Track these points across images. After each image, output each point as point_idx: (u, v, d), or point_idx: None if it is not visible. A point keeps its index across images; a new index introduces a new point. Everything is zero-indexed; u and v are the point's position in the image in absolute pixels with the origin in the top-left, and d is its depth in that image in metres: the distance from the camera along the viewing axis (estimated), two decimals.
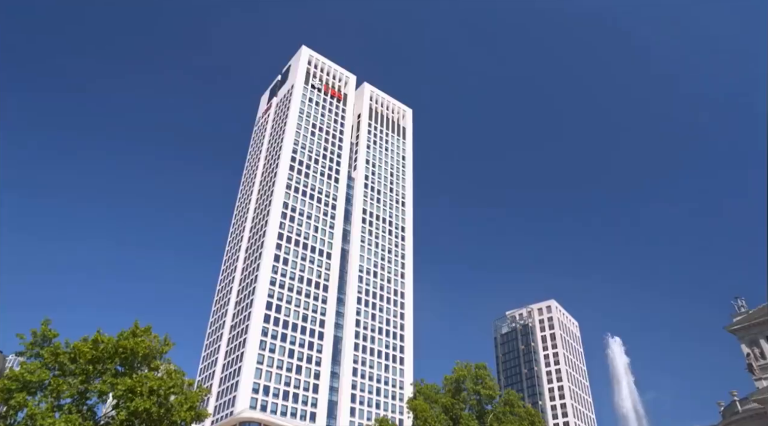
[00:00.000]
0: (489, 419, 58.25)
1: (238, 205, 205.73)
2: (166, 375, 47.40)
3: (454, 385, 60.54)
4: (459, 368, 61.53)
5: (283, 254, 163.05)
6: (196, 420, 47.32)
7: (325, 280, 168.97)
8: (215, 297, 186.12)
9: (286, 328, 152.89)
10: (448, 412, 57.74)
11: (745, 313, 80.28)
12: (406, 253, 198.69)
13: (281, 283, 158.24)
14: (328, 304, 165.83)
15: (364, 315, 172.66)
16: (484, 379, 60.97)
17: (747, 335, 78.78)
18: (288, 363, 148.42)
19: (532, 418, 59.35)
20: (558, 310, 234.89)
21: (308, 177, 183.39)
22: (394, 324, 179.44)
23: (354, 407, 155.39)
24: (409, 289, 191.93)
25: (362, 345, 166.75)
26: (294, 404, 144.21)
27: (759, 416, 67.92)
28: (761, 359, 75.58)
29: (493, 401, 61.62)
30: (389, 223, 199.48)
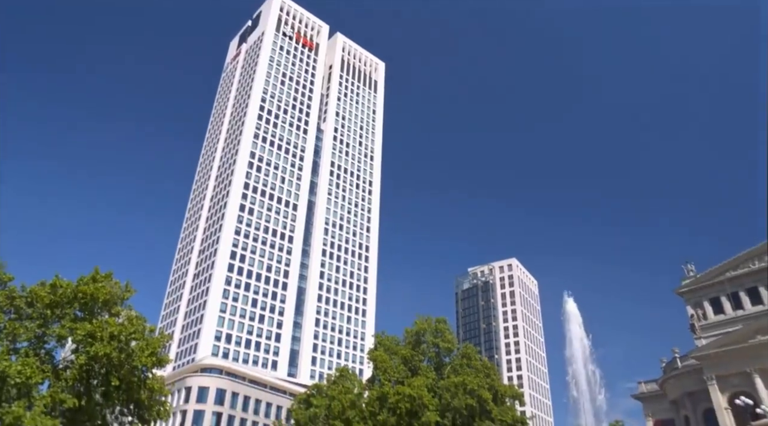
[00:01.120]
0: (446, 371, 60.09)
1: (203, 153, 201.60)
2: (127, 321, 47.23)
3: (415, 337, 61.99)
4: (420, 322, 62.92)
5: (248, 204, 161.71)
6: (157, 365, 47.58)
7: (290, 232, 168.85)
8: (178, 245, 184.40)
9: (250, 277, 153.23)
10: (407, 363, 59.31)
11: (693, 278, 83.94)
12: (372, 208, 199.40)
13: (246, 233, 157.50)
14: (293, 256, 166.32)
15: (329, 267, 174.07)
16: (444, 333, 62.54)
17: (693, 298, 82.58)
18: (251, 312, 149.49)
19: (487, 371, 61.41)
20: (519, 269, 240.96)
21: (277, 127, 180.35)
22: (357, 277, 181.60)
23: (316, 357, 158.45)
24: (374, 243, 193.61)
25: (326, 296, 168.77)
26: (256, 352, 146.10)
27: (696, 372, 72.02)
28: (703, 320, 79.61)
29: (451, 354, 63.42)
30: (357, 177, 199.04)
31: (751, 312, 75.20)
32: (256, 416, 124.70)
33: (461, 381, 55.15)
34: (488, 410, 56.43)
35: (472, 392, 54.77)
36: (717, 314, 79.45)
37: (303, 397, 66.37)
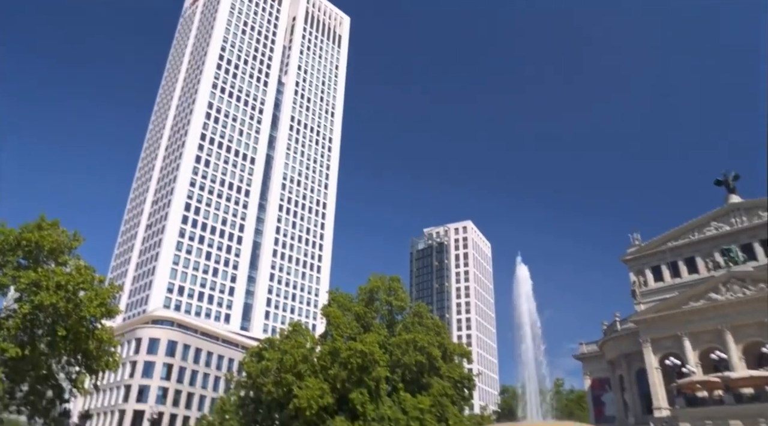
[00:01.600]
0: (398, 328, 61.40)
1: (159, 100, 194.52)
2: (74, 271, 46.10)
3: (368, 295, 62.84)
4: (374, 279, 63.71)
5: (205, 156, 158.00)
6: (106, 316, 46.91)
7: (247, 185, 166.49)
8: (131, 195, 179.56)
9: (204, 230, 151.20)
10: (360, 319, 60.29)
11: (637, 247, 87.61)
12: (331, 164, 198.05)
13: (201, 186, 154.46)
14: (249, 210, 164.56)
15: (285, 222, 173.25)
16: (397, 291, 63.58)
17: (636, 265, 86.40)
18: (205, 265, 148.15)
19: (438, 329, 63.07)
20: (473, 231, 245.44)
21: (236, 78, 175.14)
22: (314, 233, 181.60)
23: (269, 311, 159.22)
24: (331, 200, 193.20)
25: (281, 252, 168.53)
26: (209, 305, 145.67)
27: (633, 334, 76.09)
28: (643, 287, 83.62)
29: (403, 312, 64.70)
30: (317, 133, 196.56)
31: (687, 280, 79.29)
32: (207, 368, 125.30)
33: (412, 338, 56.55)
34: (437, 367, 58.31)
35: (422, 349, 56.33)
36: (656, 281, 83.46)
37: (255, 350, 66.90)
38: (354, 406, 50.04)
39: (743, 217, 79.36)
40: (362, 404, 49.85)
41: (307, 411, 49.84)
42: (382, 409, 51.41)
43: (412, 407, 52.60)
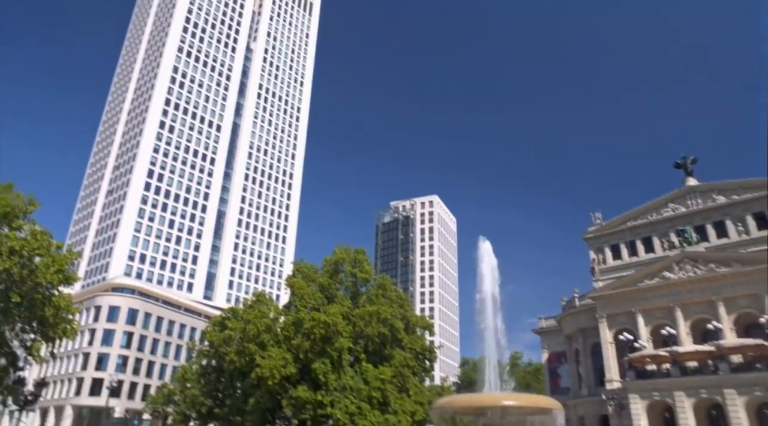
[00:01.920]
0: (362, 300, 61.86)
1: (121, 62, 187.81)
2: (30, 236, 44.79)
3: (333, 266, 62.91)
4: (339, 251, 63.73)
5: (169, 122, 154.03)
6: (64, 283, 45.91)
7: (212, 153, 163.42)
8: (91, 159, 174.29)
9: (167, 198, 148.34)
10: (324, 291, 60.44)
11: (598, 225, 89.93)
12: (299, 135, 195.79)
13: (165, 152, 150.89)
14: (214, 178, 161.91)
15: (251, 192, 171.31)
16: (362, 264, 63.80)
17: (596, 244, 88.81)
18: (168, 233, 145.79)
19: (401, 302, 63.78)
20: (439, 206, 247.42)
21: (203, 42, 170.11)
22: (280, 203, 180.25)
23: (233, 280, 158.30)
24: (298, 170, 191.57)
25: (246, 221, 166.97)
26: (171, 274, 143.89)
27: (590, 310, 78.64)
28: (602, 264, 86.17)
29: (367, 284, 65.08)
30: (285, 102, 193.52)
31: (643, 259, 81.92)
32: (169, 337, 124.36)
33: (375, 310, 57.11)
34: (399, 339, 59.16)
35: (385, 321, 56.99)
36: (615, 260, 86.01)
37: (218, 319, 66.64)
38: (316, 376, 50.50)
39: (698, 199, 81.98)
40: (324, 374, 50.34)
41: (270, 380, 50.12)
42: (344, 379, 52.06)
43: (374, 378, 53.41)
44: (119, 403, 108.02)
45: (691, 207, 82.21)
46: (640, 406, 64.65)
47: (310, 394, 49.97)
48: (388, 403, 53.36)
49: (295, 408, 51.13)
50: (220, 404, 60.25)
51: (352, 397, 51.74)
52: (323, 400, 49.93)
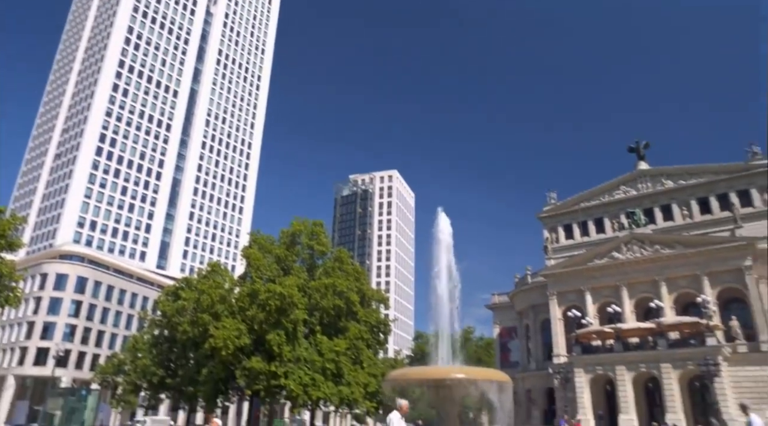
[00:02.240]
0: (318, 273, 61.87)
1: (71, 19, 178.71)
2: None
3: (290, 238, 62.54)
4: (296, 223, 63.32)
5: (123, 85, 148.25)
6: (6, 249, 44.20)
7: (168, 119, 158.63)
8: (37, 120, 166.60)
9: (120, 163, 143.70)
10: (280, 262, 60.13)
11: (553, 205, 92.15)
12: (259, 104, 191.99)
13: (118, 116, 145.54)
14: (170, 145, 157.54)
15: (208, 160, 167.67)
16: (319, 236, 63.63)
17: (550, 223, 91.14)
18: (120, 200, 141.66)
19: (357, 275, 64.07)
20: (398, 181, 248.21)
21: (160, 3, 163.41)
22: (237, 173, 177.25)
23: (187, 250, 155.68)
24: (257, 140, 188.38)
25: (202, 190, 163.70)
26: (123, 242, 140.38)
27: (541, 287, 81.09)
28: (555, 243, 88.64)
29: (324, 257, 65.06)
30: (245, 70, 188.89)
31: (594, 239, 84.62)
32: (120, 306, 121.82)
33: (331, 283, 57.27)
34: (354, 311, 59.64)
35: (341, 294, 57.28)
36: (567, 239, 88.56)
37: (171, 289, 65.67)
38: (271, 348, 50.52)
39: (648, 183, 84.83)
40: (279, 345, 50.41)
41: (223, 351, 49.92)
42: (299, 350, 52.29)
43: (328, 349, 53.84)
44: (66, 373, 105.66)
45: (641, 190, 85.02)
46: (584, 380, 67.46)
47: (263, 365, 50.04)
48: (341, 374, 53.99)
49: (249, 379, 51.18)
50: (172, 374, 59.78)
51: (306, 368, 52.10)
52: (277, 371, 50.12)
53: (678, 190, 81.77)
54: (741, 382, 61.63)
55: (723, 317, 67.35)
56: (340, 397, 53.60)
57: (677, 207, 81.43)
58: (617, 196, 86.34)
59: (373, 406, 59.80)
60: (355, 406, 61.03)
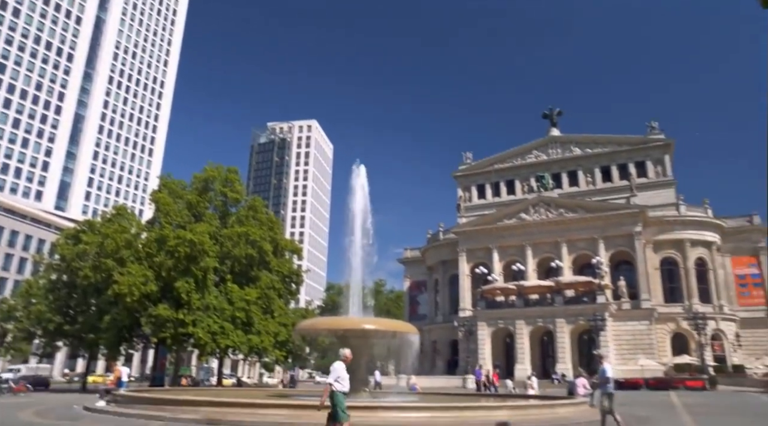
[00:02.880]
0: (231, 221, 60.45)
1: None
2: None
3: (203, 184, 60.41)
4: (210, 169, 61.14)
5: (13, 3, 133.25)
6: None
7: (70, 48, 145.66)
8: None
9: (12, 93, 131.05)
10: (191, 208, 58.11)
11: (468, 165, 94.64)
12: (173, 40, 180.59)
13: (8, 40, 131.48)
14: (72, 77, 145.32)
15: (115, 97, 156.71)
16: (233, 183, 61.88)
17: (464, 182, 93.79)
18: (12, 134, 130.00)
19: (271, 225, 63.19)
20: (317, 131, 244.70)
21: None
22: (148, 113, 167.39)
23: (90, 191, 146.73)
24: (170, 79, 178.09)
25: (108, 129, 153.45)
26: (16, 179, 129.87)
27: (452, 244, 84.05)
28: (468, 202, 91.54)
29: (238, 204, 63.51)
30: (159, 2, 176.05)
31: (504, 200, 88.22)
32: (11, 248, 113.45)
33: (245, 231, 56.21)
34: (267, 261, 59.07)
35: (253, 243, 56.42)
36: (480, 198, 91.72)
37: (72, 232, 61.86)
38: (179, 295, 49.26)
39: (559, 149, 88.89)
40: (188, 293, 49.24)
41: (128, 297, 48.11)
42: (208, 298, 51.37)
43: (239, 298, 53.29)
44: None
45: (551, 156, 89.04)
46: (486, 332, 71.49)
47: (171, 312, 48.82)
48: (251, 323, 53.78)
49: (155, 326, 49.87)
50: (71, 321, 56.96)
51: (215, 316, 51.40)
52: (185, 319, 49.10)
53: (584, 158, 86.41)
54: (621, 335, 67.82)
55: (613, 278, 73.30)
56: (249, 345, 53.53)
57: (582, 173, 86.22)
58: (529, 159, 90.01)
59: (283, 355, 60.34)
60: (265, 354, 61.27)
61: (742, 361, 67.01)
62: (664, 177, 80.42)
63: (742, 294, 75.23)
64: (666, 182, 79.99)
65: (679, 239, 73.43)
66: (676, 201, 76.56)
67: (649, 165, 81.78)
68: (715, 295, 72.60)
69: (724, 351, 69.11)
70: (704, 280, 73.27)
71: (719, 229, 75.89)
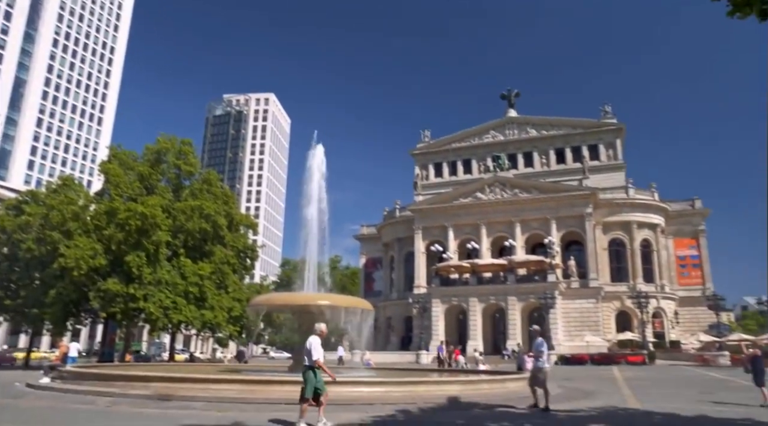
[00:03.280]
0: (185, 194, 59.02)
1: None
2: None
3: (155, 156, 58.55)
4: (163, 140, 59.23)
5: None
6: None
7: (8, 5, 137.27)
8: None
9: None
10: (143, 180, 56.36)
11: (426, 143, 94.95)
12: (124, 4, 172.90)
13: None
14: (11, 37, 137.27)
15: (61, 61, 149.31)
16: (187, 156, 60.20)
17: (422, 160, 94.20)
18: None
19: (226, 199, 62.03)
20: (275, 105, 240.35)
21: None
22: (97, 80, 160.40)
23: (34, 160, 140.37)
24: (121, 45, 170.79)
25: (53, 95, 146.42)
26: None
27: (408, 222, 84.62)
28: (425, 180, 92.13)
29: (192, 178, 61.96)
30: None
31: (461, 179, 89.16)
32: None
33: (198, 205, 54.99)
34: (222, 236, 58.06)
35: (208, 217, 55.29)
36: (437, 177, 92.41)
37: (13, 202, 59.24)
38: (129, 269, 47.94)
39: (515, 130, 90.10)
40: (139, 267, 47.96)
41: (75, 271, 46.53)
42: (160, 273, 50.22)
43: (192, 273, 52.31)
44: None
45: (508, 136, 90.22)
46: (440, 309, 72.69)
47: (121, 286, 47.54)
48: (205, 298, 53.01)
49: (104, 301, 48.52)
50: (13, 295, 54.83)
51: (167, 291, 50.37)
52: (136, 293, 47.94)
53: (540, 140, 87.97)
54: (570, 313, 70.19)
55: (564, 257, 75.55)
56: (202, 321, 52.79)
57: (537, 155, 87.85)
58: (486, 140, 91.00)
59: (237, 330, 59.82)
60: (218, 330, 60.57)
61: (679, 337, 70.60)
62: (615, 160, 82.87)
63: (682, 274, 78.91)
64: (617, 165, 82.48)
65: (627, 221, 76.08)
66: (625, 184, 79.12)
67: (601, 148, 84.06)
68: (657, 275, 75.86)
69: (663, 328, 72.64)
70: (648, 261, 76.40)
71: (664, 212, 78.98)
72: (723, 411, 16.18)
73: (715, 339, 62.85)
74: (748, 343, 43.73)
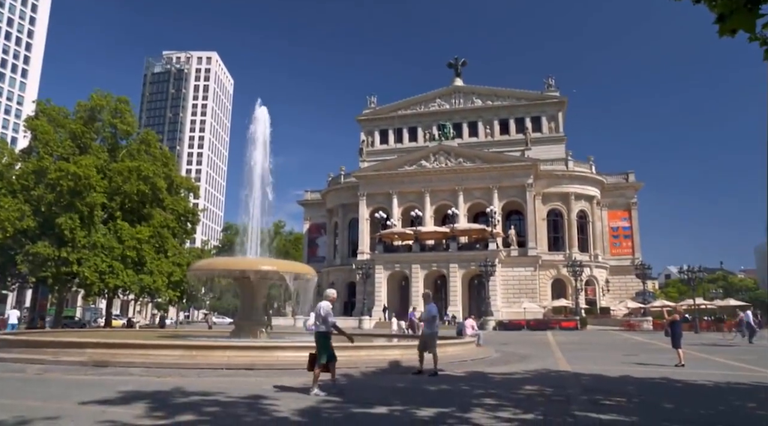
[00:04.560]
0: (121, 154, 56.66)
1: None
2: None
3: (89, 113, 55.59)
4: (97, 97, 56.22)
5: None
6: None
7: None
8: None
9: None
10: (76, 139, 53.54)
11: (372, 109, 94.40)
12: None
13: None
14: None
15: None
16: (124, 114, 57.50)
17: (368, 126, 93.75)
18: None
19: (166, 160, 59.99)
20: (218, 64, 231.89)
21: None
22: (19, 27, 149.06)
23: None
24: None
25: None
26: None
27: (353, 188, 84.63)
28: (370, 147, 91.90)
29: (129, 138, 59.48)
30: None
31: (407, 146, 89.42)
32: None
33: (136, 166, 52.93)
34: (161, 198, 56.26)
35: (146, 179, 53.36)
36: (382, 144, 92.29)
37: None
38: (61, 232, 45.89)
39: (461, 99, 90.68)
40: (71, 230, 45.95)
41: (1, 234, 44.22)
42: (95, 236, 48.33)
43: (130, 237, 50.63)
44: None
45: (454, 105, 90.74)
46: (383, 276, 73.54)
47: (52, 250, 45.52)
48: (143, 263, 51.53)
49: (33, 265, 46.40)
50: None
51: (103, 255, 48.60)
52: (69, 257, 46.05)
53: (485, 110, 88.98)
54: (509, 280, 72.57)
55: (504, 226, 77.62)
56: (141, 285, 51.38)
57: (482, 125, 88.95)
58: (432, 108, 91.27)
59: (176, 295, 58.61)
60: (157, 295, 59.19)
61: (609, 303, 74.45)
62: (556, 133, 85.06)
63: (614, 245, 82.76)
64: (558, 138, 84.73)
65: (566, 192, 78.66)
66: (565, 156, 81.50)
67: (543, 120, 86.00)
68: (591, 245, 79.25)
69: (595, 295, 76.36)
70: (584, 231, 79.60)
71: (600, 185, 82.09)
72: (644, 371, 17.32)
73: (640, 305, 66.71)
74: (669, 309, 46.71)
